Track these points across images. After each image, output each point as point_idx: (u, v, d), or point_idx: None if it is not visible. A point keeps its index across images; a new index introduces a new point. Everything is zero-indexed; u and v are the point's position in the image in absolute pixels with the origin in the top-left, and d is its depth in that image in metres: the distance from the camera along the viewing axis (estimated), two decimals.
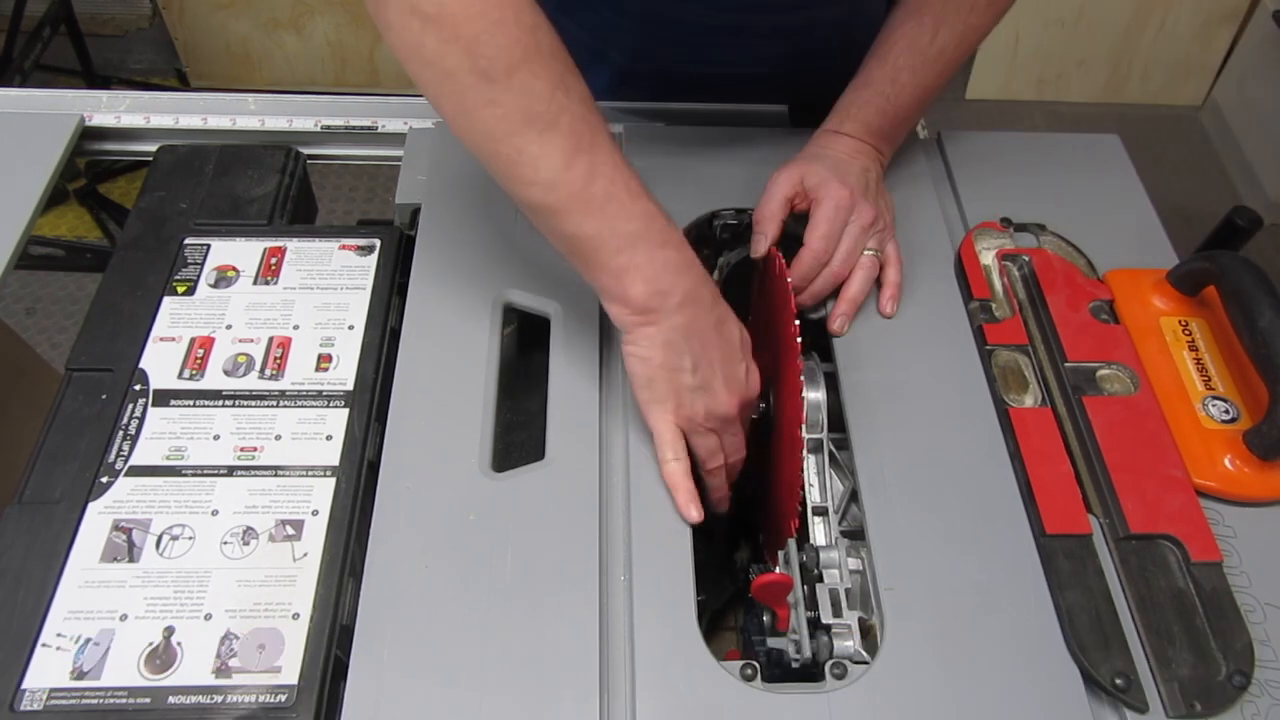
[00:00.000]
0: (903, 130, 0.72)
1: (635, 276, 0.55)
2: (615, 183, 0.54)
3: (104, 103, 0.80)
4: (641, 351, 0.57)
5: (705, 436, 0.59)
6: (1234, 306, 0.62)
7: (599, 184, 0.54)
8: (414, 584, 0.54)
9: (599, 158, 0.54)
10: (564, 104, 0.53)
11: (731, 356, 0.59)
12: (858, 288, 0.67)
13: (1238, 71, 2.22)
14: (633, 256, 0.55)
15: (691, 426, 0.59)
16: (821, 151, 0.69)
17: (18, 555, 0.54)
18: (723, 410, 0.58)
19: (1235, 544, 0.57)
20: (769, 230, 0.67)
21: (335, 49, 2.17)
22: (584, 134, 0.53)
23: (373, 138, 0.81)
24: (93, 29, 2.18)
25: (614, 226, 0.54)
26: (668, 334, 0.56)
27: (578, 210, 0.54)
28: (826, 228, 0.66)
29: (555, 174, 0.53)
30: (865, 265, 0.67)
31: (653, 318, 0.56)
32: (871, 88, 0.69)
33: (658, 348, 0.56)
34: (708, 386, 0.58)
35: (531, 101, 0.52)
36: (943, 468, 0.60)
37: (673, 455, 0.58)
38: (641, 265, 0.55)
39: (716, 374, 0.58)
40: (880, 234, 0.68)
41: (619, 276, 0.55)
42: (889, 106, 0.68)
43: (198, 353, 0.64)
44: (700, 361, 0.57)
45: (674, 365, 0.57)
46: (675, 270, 0.56)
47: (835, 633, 0.55)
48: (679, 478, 0.58)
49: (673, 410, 0.58)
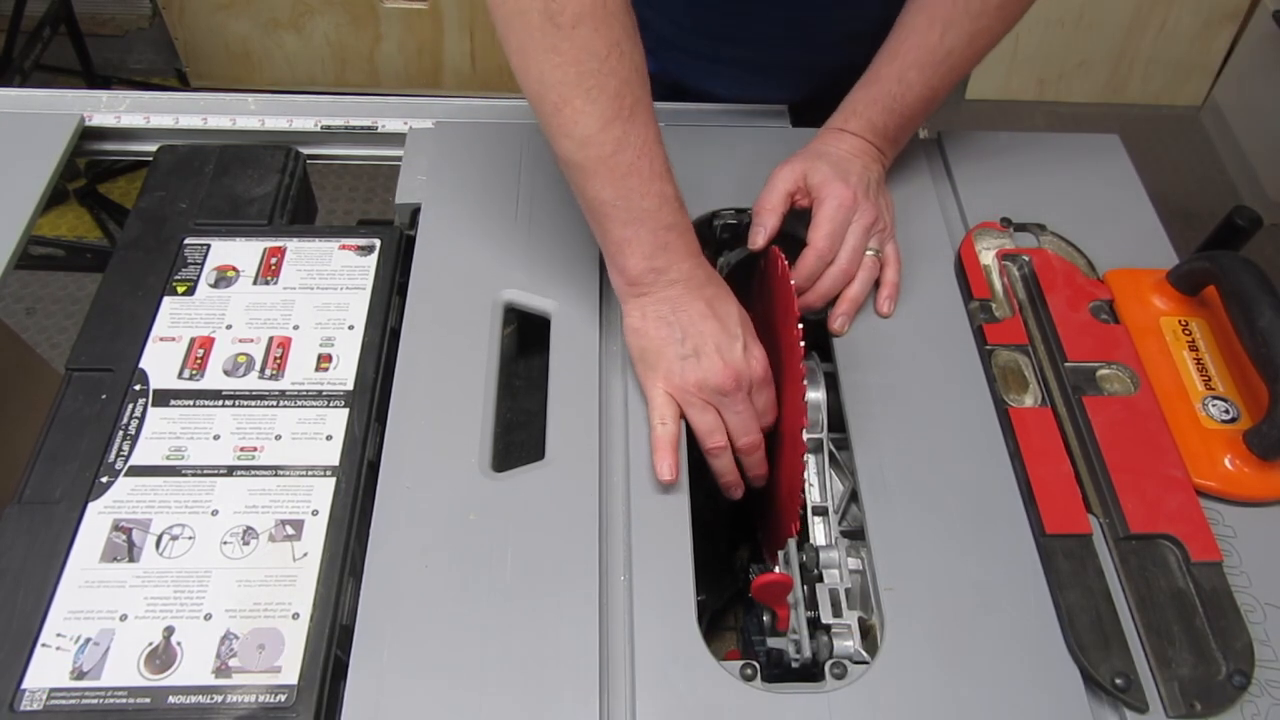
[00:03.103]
0: (907, 132, 0.72)
1: (634, 249, 0.59)
2: (641, 157, 0.57)
3: (104, 103, 0.80)
4: (635, 323, 0.61)
5: (702, 411, 0.60)
6: (1234, 306, 0.62)
7: (626, 154, 0.57)
8: (414, 584, 0.54)
9: (633, 129, 0.57)
10: (615, 67, 0.55)
11: (725, 331, 0.60)
12: (858, 288, 0.67)
13: (1238, 71, 2.22)
14: (638, 231, 0.58)
15: (684, 397, 0.60)
16: (825, 149, 0.69)
17: (18, 555, 0.54)
18: (715, 381, 0.59)
19: (1235, 544, 0.57)
20: (768, 222, 0.67)
21: (335, 49, 2.17)
22: (626, 102, 0.56)
23: (373, 138, 0.81)
24: (93, 29, 2.18)
25: (628, 199, 0.58)
26: (658, 306, 0.60)
27: (600, 174, 0.57)
28: (830, 226, 0.66)
29: (589, 134, 0.56)
30: (866, 266, 0.67)
31: (645, 289, 0.60)
32: (879, 85, 0.69)
33: (649, 319, 0.60)
34: (697, 356, 0.59)
35: (587, 57, 0.55)
36: (943, 468, 0.60)
37: (660, 420, 0.60)
38: (643, 241, 0.58)
39: (707, 344, 0.59)
40: (880, 234, 0.68)
41: (620, 246, 0.59)
42: (895, 105, 0.69)
43: (198, 353, 0.64)
44: (690, 333, 0.59)
45: (664, 336, 0.60)
46: (673, 252, 0.59)
47: (835, 633, 0.55)
48: (661, 440, 0.59)
49: (663, 379, 0.60)
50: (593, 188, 0.58)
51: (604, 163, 0.57)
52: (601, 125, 0.56)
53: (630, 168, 0.57)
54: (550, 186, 0.74)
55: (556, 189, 0.74)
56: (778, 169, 0.69)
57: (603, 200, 0.58)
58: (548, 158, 0.76)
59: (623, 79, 0.56)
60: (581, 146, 0.57)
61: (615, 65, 0.55)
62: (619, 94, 0.56)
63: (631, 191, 0.57)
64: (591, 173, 0.57)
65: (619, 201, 0.58)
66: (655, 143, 0.58)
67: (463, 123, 0.79)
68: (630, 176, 0.57)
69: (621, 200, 0.58)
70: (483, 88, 2.21)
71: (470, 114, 0.81)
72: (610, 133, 0.56)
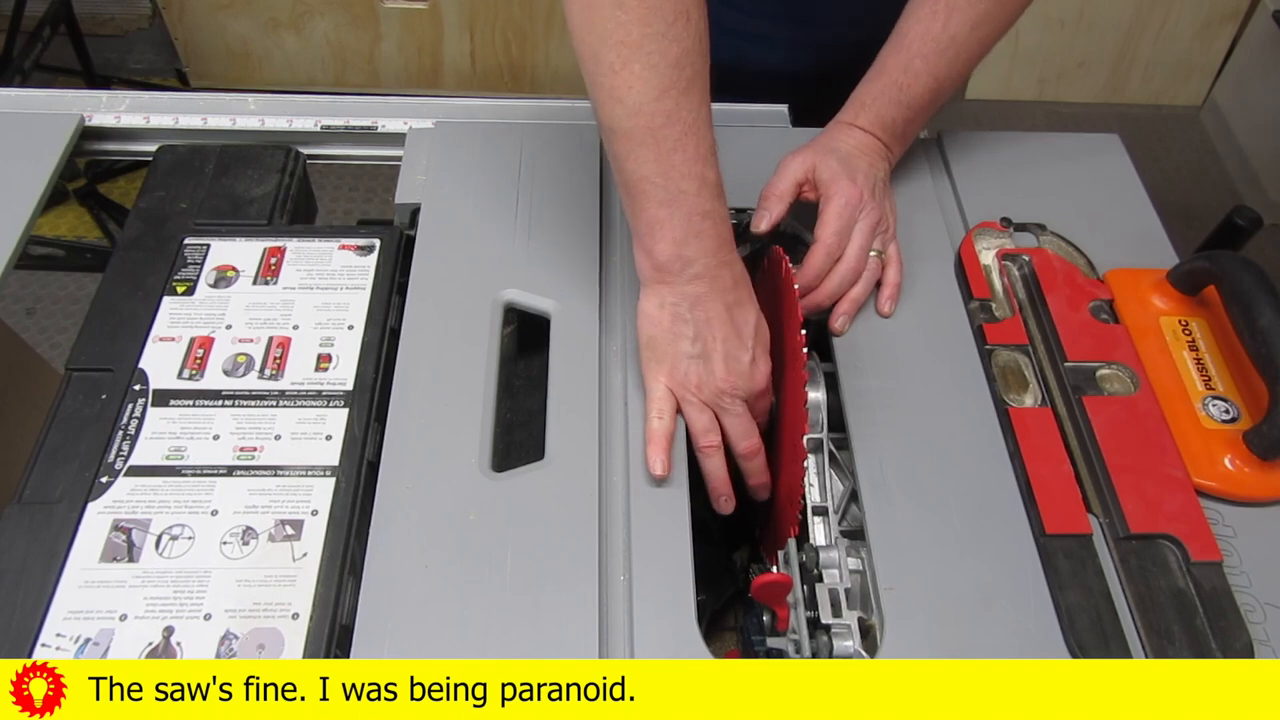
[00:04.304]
0: (914, 126, 0.71)
1: (665, 233, 0.57)
2: (689, 135, 0.55)
3: (104, 103, 0.80)
4: (650, 310, 0.59)
5: (699, 410, 0.60)
6: (1234, 306, 0.62)
7: (675, 129, 0.55)
8: (414, 584, 0.54)
9: (687, 103, 0.55)
10: (680, 35, 0.53)
11: (738, 339, 0.59)
12: (861, 288, 0.67)
13: (1238, 71, 2.22)
14: (671, 213, 0.56)
15: (683, 394, 0.60)
16: (835, 144, 0.69)
17: (18, 555, 0.54)
18: (716, 384, 0.59)
19: (1235, 544, 0.57)
20: (774, 209, 0.67)
21: (335, 49, 2.17)
22: (684, 73, 0.54)
23: (373, 138, 0.81)
24: (93, 29, 2.18)
25: (668, 176, 0.56)
26: (677, 298, 0.58)
27: (646, 146, 0.55)
28: (838, 224, 0.66)
29: (642, 102, 0.54)
30: (870, 266, 0.67)
31: (668, 279, 0.58)
32: (886, 77, 0.69)
33: (666, 310, 0.59)
34: (705, 357, 0.59)
35: (654, 20, 0.53)
36: (943, 468, 0.60)
37: (657, 414, 0.59)
38: (676, 225, 0.57)
39: (716, 349, 0.59)
40: (884, 235, 0.68)
41: (652, 227, 0.57)
42: (903, 97, 0.68)
43: (197, 353, 0.64)
44: (702, 333, 0.58)
45: (676, 330, 0.59)
46: (705, 241, 0.57)
47: (835, 633, 0.55)
48: (656, 434, 0.59)
49: (667, 373, 0.60)
50: (634, 160, 0.56)
51: (652, 134, 0.54)
52: (657, 94, 0.54)
53: (676, 144, 0.55)
54: (550, 186, 0.74)
55: (556, 189, 0.74)
56: (788, 158, 0.68)
57: (642, 176, 0.56)
58: (548, 158, 0.76)
59: (685, 48, 0.53)
60: (632, 114, 0.54)
61: (680, 32, 0.53)
62: (679, 63, 0.53)
63: (673, 170, 0.55)
64: (638, 143, 0.55)
65: (658, 179, 0.55)
66: (706, 123, 0.56)
67: (462, 123, 0.79)
68: (675, 153, 0.55)
69: (661, 177, 0.55)
70: (483, 88, 2.21)
71: (470, 114, 0.81)
72: (663, 103, 0.54)
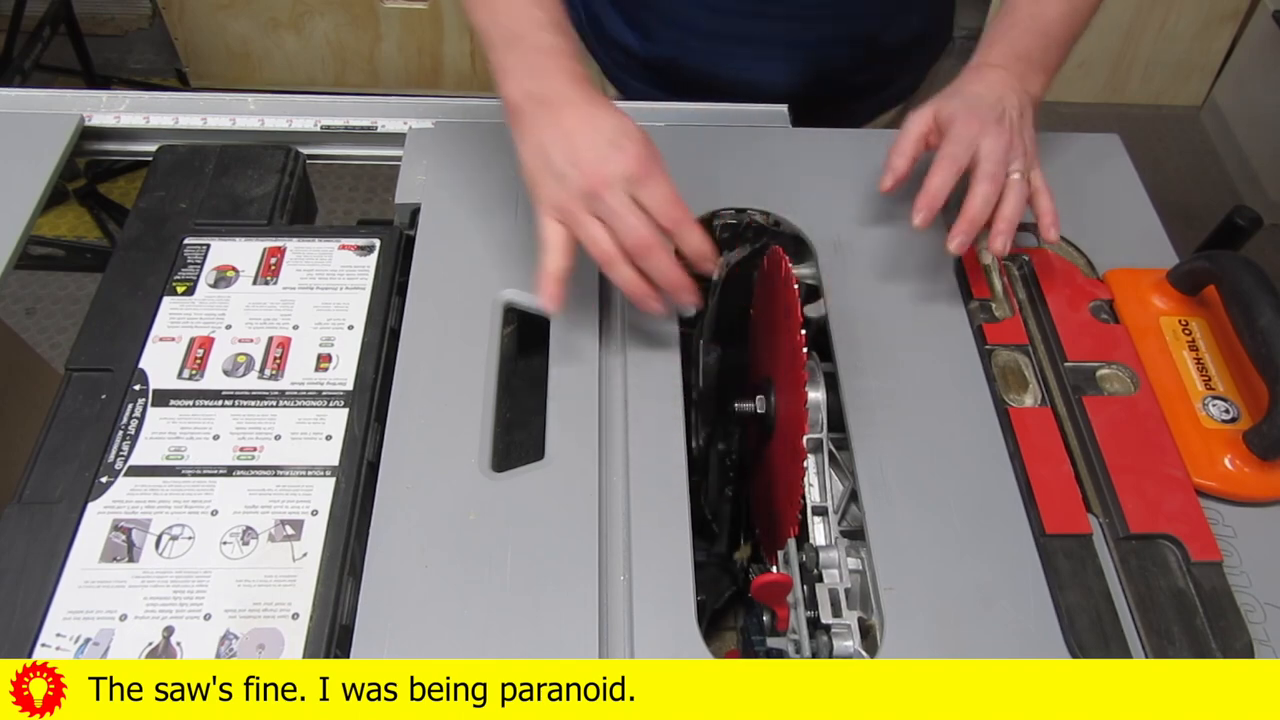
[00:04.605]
0: (1053, 54, 0.70)
1: (509, 76, 0.59)
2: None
3: (104, 103, 0.80)
4: (522, 155, 0.60)
5: (588, 226, 0.57)
6: (1234, 306, 0.62)
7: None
8: (414, 584, 0.54)
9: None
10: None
11: (596, 135, 0.57)
12: (1011, 207, 0.63)
13: (1238, 71, 2.22)
14: (507, 56, 0.59)
15: (566, 216, 0.58)
16: (960, 88, 0.67)
17: (17, 555, 0.54)
18: (581, 186, 0.57)
19: (1235, 544, 0.57)
20: (897, 165, 0.66)
21: (335, 49, 2.17)
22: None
23: (373, 138, 0.81)
24: (93, 29, 2.18)
25: (497, 22, 0.59)
26: (537, 133, 0.59)
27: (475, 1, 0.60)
28: (956, 139, 0.63)
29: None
30: (1013, 186, 0.63)
31: (523, 119, 0.59)
32: (1016, 11, 0.69)
33: (530, 146, 0.59)
34: (566, 170, 0.57)
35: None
36: (943, 468, 0.60)
37: (542, 251, 0.59)
38: (515, 66, 0.59)
39: (575, 155, 0.57)
40: (1023, 159, 0.64)
41: (499, 75, 0.60)
42: (1035, 25, 0.68)
43: (197, 353, 0.64)
44: (561, 149, 0.58)
45: (543, 160, 0.58)
46: (549, 76, 0.59)
47: (835, 633, 0.55)
48: (543, 272, 0.58)
49: (545, 206, 0.59)
50: (472, 14, 0.60)
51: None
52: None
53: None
54: None
55: None
56: (911, 113, 0.67)
57: (482, 28, 0.60)
58: None
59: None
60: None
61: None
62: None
63: (499, 14, 0.59)
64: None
65: (490, 28, 0.59)
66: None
67: (462, 123, 0.79)
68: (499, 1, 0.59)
69: (492, 26, 0.59)
70: (483, 88, 2.21)
71: (470, 114, 0.81)
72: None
